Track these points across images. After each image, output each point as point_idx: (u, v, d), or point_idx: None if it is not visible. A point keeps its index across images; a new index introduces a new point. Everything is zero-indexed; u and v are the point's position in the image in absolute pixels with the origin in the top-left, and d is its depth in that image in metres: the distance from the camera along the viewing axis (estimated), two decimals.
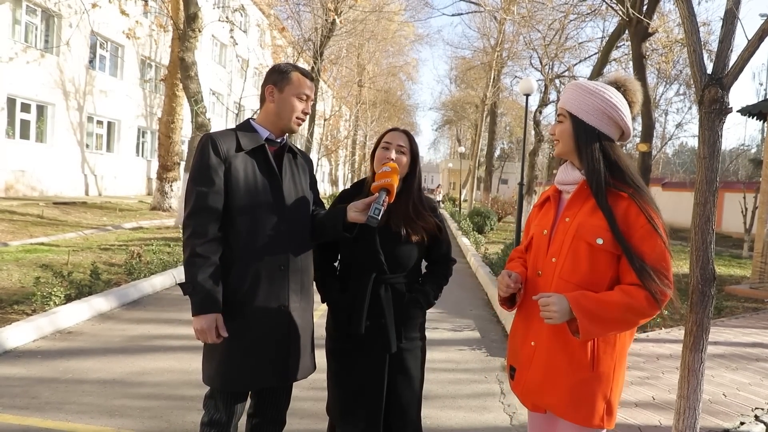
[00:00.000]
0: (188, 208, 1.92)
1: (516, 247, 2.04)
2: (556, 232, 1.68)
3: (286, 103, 2.03)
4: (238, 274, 1.95)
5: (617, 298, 1.53)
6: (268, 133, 2.06)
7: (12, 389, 3.32)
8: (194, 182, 1.92)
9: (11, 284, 5.65)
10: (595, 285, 1.59)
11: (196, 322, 1.88)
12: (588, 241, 1.58)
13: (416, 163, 2.15)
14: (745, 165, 27.94)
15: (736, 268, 11.62)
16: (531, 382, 1.70)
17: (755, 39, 2.07)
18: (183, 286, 1.90)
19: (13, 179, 14.33)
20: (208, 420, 2.03)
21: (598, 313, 1.51)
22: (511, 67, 25.65)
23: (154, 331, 4.69)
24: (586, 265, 1.59)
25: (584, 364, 1.59)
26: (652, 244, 1.54)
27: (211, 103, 23.91)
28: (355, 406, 2.05)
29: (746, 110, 9.44)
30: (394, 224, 2.05)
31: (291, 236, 2.03)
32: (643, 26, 9.57)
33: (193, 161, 1.97)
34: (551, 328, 1.63)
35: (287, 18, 20.49)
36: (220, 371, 1.98)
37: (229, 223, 1.95)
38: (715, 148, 2.16)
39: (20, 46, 14.09)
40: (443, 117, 45.64)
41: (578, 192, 1.67)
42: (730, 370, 4.39)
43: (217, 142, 1.94)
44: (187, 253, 1.89)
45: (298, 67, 2.09)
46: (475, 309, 6.33)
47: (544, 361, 1.66)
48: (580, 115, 1.66)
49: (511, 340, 1.88)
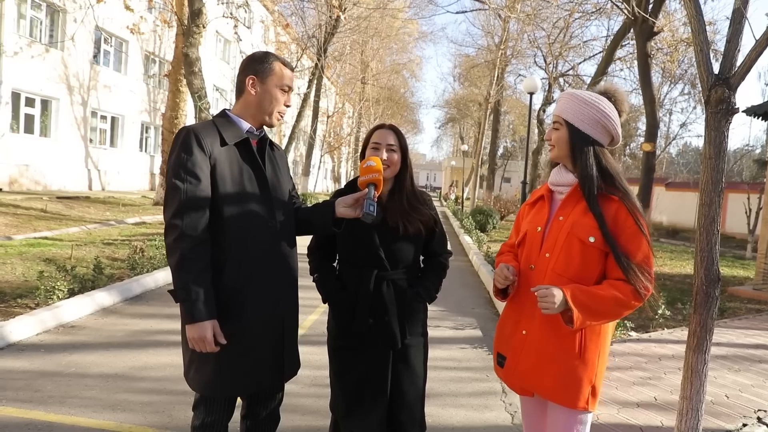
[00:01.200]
0: (173, 207, 1.75)
1: (505, 242, 2.12)
2: (550, 230, 1.80)
3: (268, 94, 1.93)
4: (230, 275, 1.84)
5: (607, 292, 1.66)
6: (248, 125, 1.95)
7: (15, 383, 3.34)
8: (178, 178, 1.76)
9: (15, 278, 5.67)
10: (585, 279, 1.72)
11: (190, 331, 1.74)
12: (581, 239, 1.71)
13: (406, 158, 2.14)
14: (750, 165, 27.83)
15: (740, 270, 11.59)
16: (521, 367, 1.81)
17: (763, 39, 2.05)
18: (174, 294, 1.77)
19: (17, 173, 14.38)
20: (200, 423, 1.96)
21: (591, 305, 1.64)
22: (515, 66, 25.60)
23: (156, 326, 4.70)
24: (578, 261, 1.72)
25: (572, 352, 1.72)
26: (638, 243, 1.68)
27: (214, 99, 23.91)
28: (360, 402, 2.05)
29: (752, 110, 9.38)
30: (391, 220, 2.05)
31: (281, 232, 1.96)
32: (649, 25, 9.53)
33: (174, 156, 1.80)
34: (543, 318, 1.74)
35: (291, 14, 20.51)
36: (215, 378, 1.87)
37: (217, 221, 1.82)
38: (720, 149, 2.15)
39: (25, 41, 14.11)
40: (446, 115, 45.61)
41: (572, 193, 1.80)
42: (733, 372, 4.38)
43: (200, 135, 1.80)
44: (176, 257, 1.74)
45: (278, 56, 1.99)
46: (477, 307, 6.32)
47: (536, 348, 1.77)
48: (576, 123, 1.79)
49: (500, 328, 1.97)
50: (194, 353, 1.85)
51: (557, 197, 1.87)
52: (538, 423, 1.94)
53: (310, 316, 5.26)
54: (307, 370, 3.78)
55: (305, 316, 5.26)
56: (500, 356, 1.92)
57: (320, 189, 37.06)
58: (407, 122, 44.93)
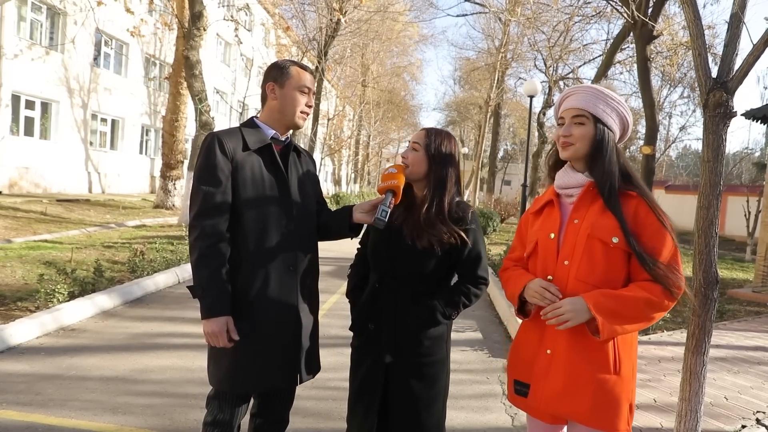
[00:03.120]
0: (195, 209, 1.88)
1: (507, 256, 1.95)
2: (566, 235, 1.67)
3: (288, 98, 2.01)
4: (247, 275, 1.92)
5: (636, 294, 1.54)
6: (273, 131, 2.04)
7: (16, 386, 3.34)
8: (201, 182, 1.88)
9: (15, 281, 5.67)
10: (612, 284, 1.59)
11: (206, 326, 1.85)
12: (603, 241, 1.59)
13: (435, 163, 1.95)
14: (749, 168, 27.84)
15: (739, 272, 11.59)
16: (550, 392, 1.63)
17: (761, 43, 2.07)
18: (192, 289, 1.88)
19: (17, 176, 14.39)
20: (211, 420, 2.01)
21: (618, 310, 1.51)
22: (515, 69, 25.68)
23: (157, 329, 4.71)
24: (602, 265, 1.60)
25: (607, 367, 1.58)
26: (663, 240, 1.57)
27: (215, 101, 23.96)
28: (357, 404, 2.03)
29: (750, 114, 9.40)
30: (406, 227, 1.94)
31: (299, 236, 2.01)
32: (648, 29, 9.55)
33: (199, 160, 1.92)
34: (568, 333, 1.60)
35: (292, 17, 20.56)
36: (230, 373, 1.95)
37: (236, 223, 1.92)
38: (719, 152, 2.17)
39: (25, 43, 14.14)
40: (447, 118, 45.64)
41: (584, 194, 1.68)
42: (732, 374, 4.39)
43: (224, 141, 1.91)
44: (196, 254, 1.85)
45: (295, 61, 2.08)
46: (477, 310, 6.32)
47: (564, 367, 1.61)
48: (604, 118, 1.67)
49: (518, 353, 1.79)
50: (212, 349, 1.97)
51: (566, 200, 1.75)
52: None
53: None
54: None
55: None
56: (520, 384, 1.73)
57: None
58: (407, 125, 44.96)
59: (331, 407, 3.30)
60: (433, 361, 1.97)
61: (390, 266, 1.97)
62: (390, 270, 1.98)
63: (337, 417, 3.16)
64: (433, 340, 1.96)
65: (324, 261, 2.11)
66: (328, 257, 9.23)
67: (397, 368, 1.95)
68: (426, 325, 1.94)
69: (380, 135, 42.18)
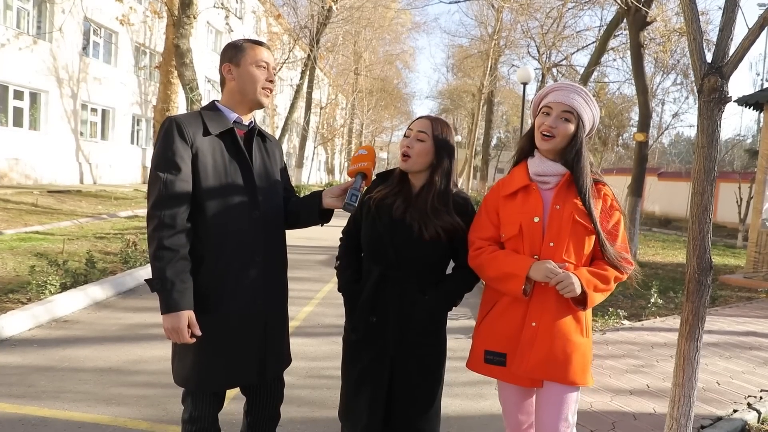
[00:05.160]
0: (153, 198, 1.74)
1: (476, 234, 1.95)
2: (551, 219, 1.84)
3: (246, 75, 1.90)
4: (210, 266, 1.82)
5: (608, 272, 1.82)
6: (236, 115, 1.93)
7: (8, 378, 3.32)
8: (159, 169, 1.75)
9: (6, 273, 5.62)
10: (585, 262, 1.86)
11: (166, 321, 1.74)
12: (585, 225, 1.82)
13: (442, 153, 1.93)
14: (741, 155, 27.97)
15: (731, 258, 11.69)
16: (535, 359, 1.81)
17: (756, 27, 2.05)
18: (150, 283, 1.76)
19: (7, 167, 14.23)
20: (188, 417, 1.95)
21: (597, 286, 1.79)
22: (508, 56, 25.59)
23: (150, 320, 4.69)
24: (584, 246, 1.84)
25: (581, 332, 1.85)
26: (619, 227, 1.88)
27: (206, 90, 23.73)
28: (357, 402, 1.96)
29: (743, 100, 9.44)
30: (410, 217, 1.90)
31: (265, 225, 1.92)
32: (642, 15, 9.53)
33: (157, 147, 1.80)
34: (554, 306, 1.81)
35: (283, 5, 20.34)
36: (195, 372, 1.86)
37: (198, 212, 1.80)
38: (713, 138, 2.15)
39: (12, 32, 13.91)
40: (440, 106, 45.49)
41: (564, 183, 1.88)
42: (724, 359, 4.43)
43: (183, 125, 1.79)
44: (154, 246, 1.73)
45: (249, 38, 1.98)
46: (470, 297, 6.31)
47: (548, 337, 1.81)
48: (586, 121, 1.89)
49: (493, 326, 1.91)
50: (176, 346, 1.89)
51: (542, 186, 1.90)
52: (521, 407, 2.02)
53: (305, 308, 5.26)
54: (302, 361, 3.79)
55: (300, 307, 5.26)
56: (496, 354, 1.87)
57: (314, 181, 36.97)
58: (400, 113, 44.82)
59: (326, 396, 3.31)
60: (438, 351, 2.01)
61: (395, 258, 1.91)
62: (395, 262, 1.91)
63: (331, 406, 3.16)
64: (438, 330, 2.01)
65: (316, 250, 2.07)
66: (320, 246, 9.22)
67: (402, 360, 1.93)
68: (434, 314, 1.96)
69: (373, 123, 41.99)
